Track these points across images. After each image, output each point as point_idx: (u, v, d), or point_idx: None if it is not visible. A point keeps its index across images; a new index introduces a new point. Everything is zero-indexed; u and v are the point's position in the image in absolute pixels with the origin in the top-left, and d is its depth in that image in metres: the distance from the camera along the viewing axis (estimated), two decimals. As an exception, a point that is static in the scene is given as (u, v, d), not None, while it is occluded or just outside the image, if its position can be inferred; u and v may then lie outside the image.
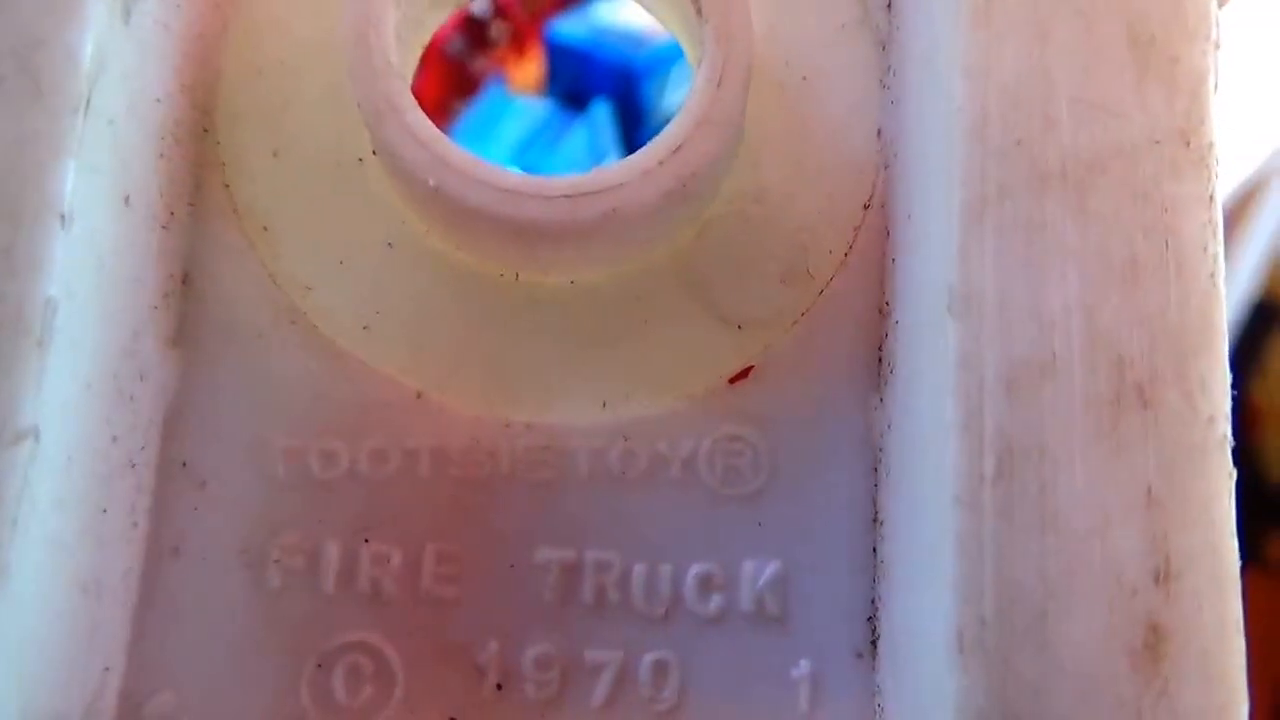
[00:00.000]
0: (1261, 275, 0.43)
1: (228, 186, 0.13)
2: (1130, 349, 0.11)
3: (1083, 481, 0.10)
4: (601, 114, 0.50)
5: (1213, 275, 0.11)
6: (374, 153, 0.13)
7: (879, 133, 0.14)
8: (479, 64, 0.49)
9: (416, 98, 0.12)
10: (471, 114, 0.50)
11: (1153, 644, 0.10)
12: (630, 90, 0.50)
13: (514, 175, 0.12)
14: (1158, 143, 0.11)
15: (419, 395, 0.13)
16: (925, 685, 0.11)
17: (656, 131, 0.12)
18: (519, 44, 0.50)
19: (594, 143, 0.49)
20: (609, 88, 0.50)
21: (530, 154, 0.50)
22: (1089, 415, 0.10)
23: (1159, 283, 0.11)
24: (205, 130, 0.13)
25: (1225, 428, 0.10)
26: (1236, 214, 0.41)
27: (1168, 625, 0.10)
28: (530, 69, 0.51)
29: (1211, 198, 0.11)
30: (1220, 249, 0.11)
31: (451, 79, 0.49)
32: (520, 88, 0.51)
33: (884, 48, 0.14)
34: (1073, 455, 0.10)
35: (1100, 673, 0.10)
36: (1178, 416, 0.10)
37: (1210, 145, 0.11)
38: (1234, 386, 0.10)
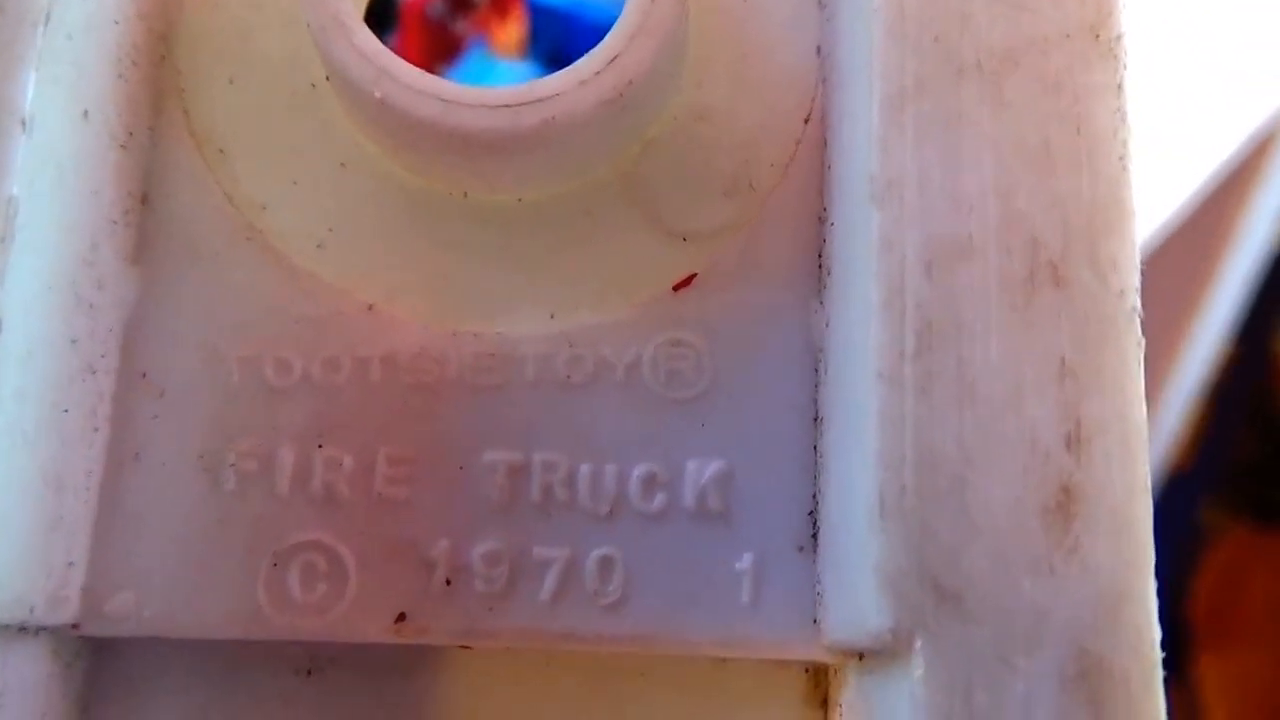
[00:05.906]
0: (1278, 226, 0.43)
1: (185, 111, 0.14)
2: (1044, 230, 0.12)
3: (998, 355, 0.11)
4: (584, 76, 0.50)
5: (1122, 159, 0.12)
6: (326, 79, 0.15)
7: (818, 50, 0.15)
8: (460, 26, 0.51)
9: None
10: (453, 77, 0.51)
11: (1064, 504, 0.11)
12: (614, 52, 0.50)
13: (457, 87, 0.13)
14: (1068, 36, 0.12)
15: (370, 307, 0.14)
16: (851, 555, 0.12)
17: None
18: (500, 5, 0.51)
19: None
20: (592, 48, 0.50)
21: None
22: (1004, 293, 0.12)
23: (1071, 167, 0.12)
24: (163, 56, 0.15)
25: (1134, 300, 0.11)
26: (1250, 166, 0.41)
27: (1079, 487, 0.11)
28: (512, 30, 0.52)
29: (1120, 86, 0.12)
30: (1129, 135, 0.12)
31: (433, 42, 0.51)
32: (502, 50, 0.52)
33: (821, -33, 0.15)
34: (989, 330, 0.11)
35: (1014, 532, 0.11)
36: (1089, 292, 0.11)
37: (1118, 37, 0.12)
38: (1256, 339, 0.11)
